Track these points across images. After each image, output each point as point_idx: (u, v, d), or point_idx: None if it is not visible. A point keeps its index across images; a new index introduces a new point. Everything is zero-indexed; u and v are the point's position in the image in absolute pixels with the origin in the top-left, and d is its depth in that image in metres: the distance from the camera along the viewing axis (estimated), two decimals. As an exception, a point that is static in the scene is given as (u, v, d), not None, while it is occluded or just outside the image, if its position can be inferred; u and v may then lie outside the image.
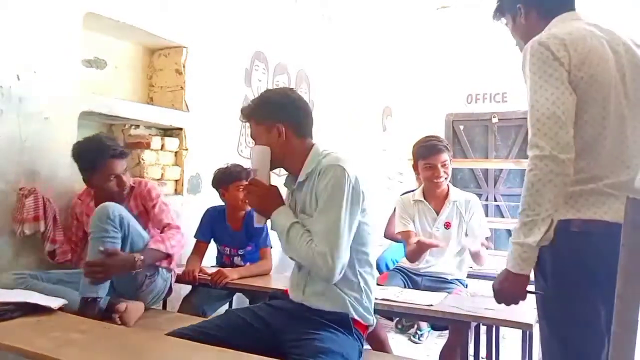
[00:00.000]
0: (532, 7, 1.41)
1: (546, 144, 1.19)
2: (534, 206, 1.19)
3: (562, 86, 1.21)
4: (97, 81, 2.73)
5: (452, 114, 6.39)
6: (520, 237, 1.22)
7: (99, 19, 2.51)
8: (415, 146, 2.57)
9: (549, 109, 1.20)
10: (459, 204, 2.54)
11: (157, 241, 2.06)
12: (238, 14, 3.44)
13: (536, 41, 1.26)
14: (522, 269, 1.23)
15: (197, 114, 3.10)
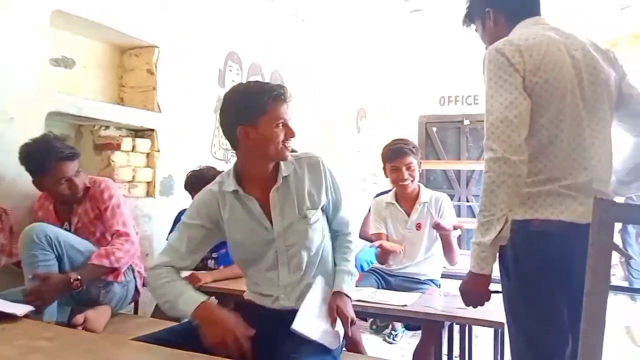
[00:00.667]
0: (500, 11, 1.45)
1: (499, 147, 1.22)
2: (489, 207, 1.24)
3: (515, 91, 1.25)
4: (65, 81, 2.66)
5: (425, 116, 6.47)
6: (478, 237, 1.26)
7: (67, 17, 2.44)
8: (383, 149, 2.59)
9: (502, 113, 1.24)
10: (430, 205, 2.56)
11: (100, 255, 1.94)
12: (211, 14, 3.40)
13: (493, 48, 1.30)
14: (482, 269, 1.26)
15: (170, 114, 3.05)
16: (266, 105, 1.47)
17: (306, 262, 1.59)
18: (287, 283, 1.58)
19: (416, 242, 2.56)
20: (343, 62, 5.44)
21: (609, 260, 0.76)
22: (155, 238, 2.95)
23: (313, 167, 1.60)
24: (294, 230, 1.56)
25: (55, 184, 1.99)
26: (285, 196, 1.57)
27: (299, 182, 1.58)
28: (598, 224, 0.74)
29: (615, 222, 0.75)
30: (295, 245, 1.57)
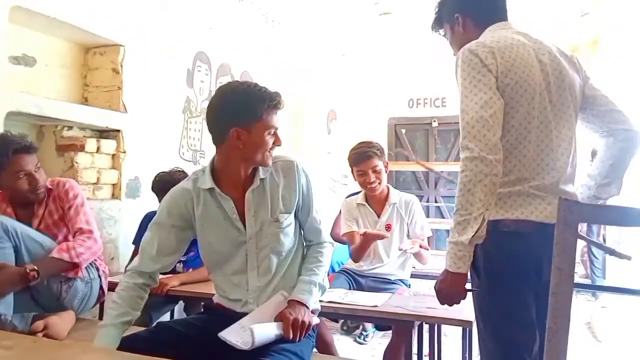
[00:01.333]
0: (468, 15, 1.47)
1: (475, 146, 1.24)
2: (466, 206, 1.24)
3: (489, 91, 1.27)
4: (26, 79, 2.57)
5: (395, 117, 6.53)
6: (455, 236, 1.26)
7: (27, 14, 2.36)
8: (349, 153, 2.57)
9: (477, 112, 1.25)
10: (399, 206, 2.58)
11: (60, 250, 1.88)
12: (180, 13, 3.35)
13: (466, 49, 1.32)
14: (458, 268, 1.26)
15: (136, 115, 2.98)
16: (263, 112, 1.48)
17: (275, 265, 1.57)
18: (255, 287, 1.56)
19: (386, 243, 2.57)
20: (313, 63, 5.45)
21: (573, 260, 0.77)
22: (121, 241, 2.88)
23: (288, 170, 1.58)
24: (265, 233, 1.55)
25: (14, 178, 1.91)
26: (260, 198, 1.55)
27: (273, 185, 1.56)
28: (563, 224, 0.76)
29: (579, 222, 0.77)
30: (266, 249, 1.55)
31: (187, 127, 3.51)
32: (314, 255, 1.65)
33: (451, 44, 1.56)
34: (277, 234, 1.55)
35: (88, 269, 2.04)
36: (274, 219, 1.55)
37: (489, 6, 1.47)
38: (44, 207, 2.02)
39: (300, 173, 1.59)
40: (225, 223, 1.55)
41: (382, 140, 6.52)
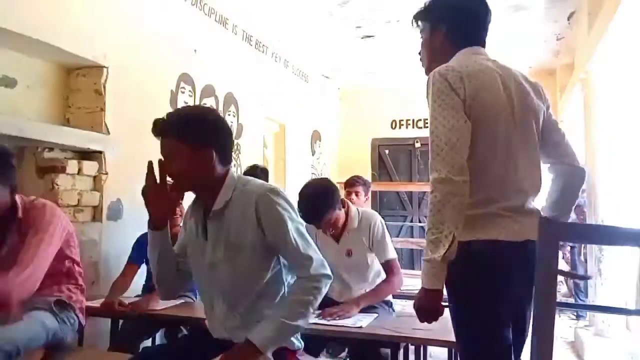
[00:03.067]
0: (449, 33, 1.51)
1: (443, 168, 1.29)
2: (437, 225, 1.28)
3: (457, 114, 1.32)
4: (6, 101, 2.54)
5: (378, 138, 6.60)
6: (428, 254, 1.29)
7: (8, 34, 2.34)
8: (298, 204, 2.29)
9: (446, 135, 1.31)
10: (359, 229, 2.41)
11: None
12: (164, 35, 3.36)
13: (437, 72, 1.37)
14: (433, 284, 1.29)
15: (119, 136, 2.96)
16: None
17: (239, 300, 1.49)
18: (221, 314, 1.51)
19: (352, 269, 2.43)
20: (297, 85, 5.49)
21: (555, 277, 0.78)
22: (102, 265, 2.83)
23: (246, 204, 1.46)
24: (219, 268, 1.49)
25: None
26: (219, 230, 1.48)
27: (230, 219, 1.47)
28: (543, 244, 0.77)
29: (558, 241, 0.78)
30: (223, 282, 1.49)
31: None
32: (298, 289, 1.47)
33: (423, 43, 1.59)
34: (230, 273, 1.47)
35: (65, 314, 1.89)
36: (226, 256, 1.47)
37: (470, 30, 1.51)
38: (16, 236, 1.82)
39: (260, 207, 1.45)
40: (197, 244, 1.54)
41: (366, 161, 6.58)
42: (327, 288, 1.50)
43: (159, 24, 3.31)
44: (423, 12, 1.57)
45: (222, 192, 1.47)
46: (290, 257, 1.48)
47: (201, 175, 1.46)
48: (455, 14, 1.50)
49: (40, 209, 1.87)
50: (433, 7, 1.55)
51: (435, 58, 1.50)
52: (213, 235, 1.50)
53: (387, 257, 2.39)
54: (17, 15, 2.34)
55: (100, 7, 2.84)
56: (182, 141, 1.45)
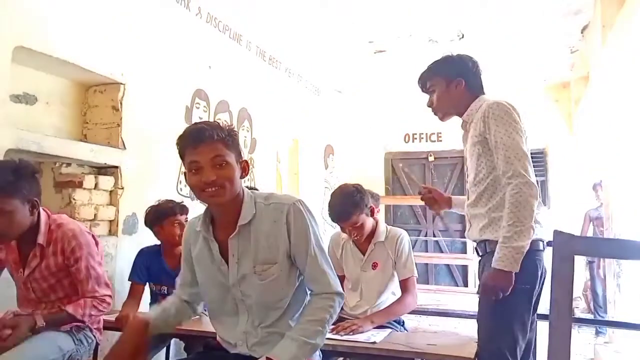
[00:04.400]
0: (467, 83, 1.86)
1: (526, 173, 1.63)
2: (522, 219, 1.60)
3: (524, 136, 1.70)
4: (27, 117, 2.60)
5: (391, 152, 6.59)
6: (513, 242, 1.59)
7: (30, 53, 2.41)
8: (328, 205, 2.36)
9: (522, 149, 1.67)
10: (386, 243, 2.40)
11: (77, 305, 1.82)
12: (179, 52, 3.42)
13: (504, 103, 1.73)
14: (513, 267, 1.59)
15: (135, 151, 3.00)
16: (185, 151, 1.41)
17: (264, 315, 1.50)
18: (244, 331, 1.51)
19: (373, 282, 2.42)
20: (310, 100, 5.53)
21: (571, 292, 0.77)
22: (118, 278, 2.85)
23: (277, 214, 1.46)
24: (248, 283, 1.48)
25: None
26: (245, 245, 1.47)
27: (260, 231, 1.46)
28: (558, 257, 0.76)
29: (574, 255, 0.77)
30: (251, 297, 1.48)
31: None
32: (313, 307, 1.48)
33: (438, 96, 1.89)
34: (259, 287, 1.46)
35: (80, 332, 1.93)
36: (255, 270, 1.46)
37: (479, 81, 1.89)
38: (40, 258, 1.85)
39: (290, 217, 1.45)
40: (212, 267, 1.51)
41: (379, 175, 6.57)
42: (340, 306, 1.51)
43: (174, 41, 3.38)
44: (435, 70, 1.90)
45: (244, 207, 1.46)
46: (307, 269, 1.48)
47: (239, 186, 1.46)
48: (469, 68, 1.87)
49: (70, 240, 1.86)
50: (446, 64, 1.88)
51: (455, 104, 1.87)
52: (237, 252, 1.47)
53: (408, 275, 2.38)
54: (38, 34, 2.41)
55: (117, 26, 2.91)
56: (229, 148, 1.45)
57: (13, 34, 2.29)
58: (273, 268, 1.46)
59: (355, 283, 2.46)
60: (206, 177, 1.36)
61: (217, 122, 1.52)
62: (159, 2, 3.26)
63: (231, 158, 1.41)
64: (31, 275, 1.89)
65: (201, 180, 1.36)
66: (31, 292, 1.92)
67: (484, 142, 1.73)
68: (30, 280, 1.90)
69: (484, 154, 1.75)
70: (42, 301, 1.94)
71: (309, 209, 1.50)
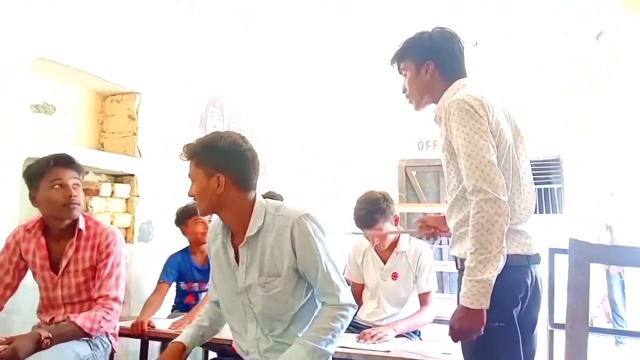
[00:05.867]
0: (438, 67, 1.56)
1: (488, 188, 1.32)
2: (485, 245, 1.30)
3: (488, 138, 1.37)
4: (46, 126, 2.65)
5: (405, 160, 6.57)
6: (477, 275, 1.30)
7: (49, 64, 2.46)
8: (354, 209, 2.35)
9: (484, 157, 1.34)
10: (408, 255, 2.39)
11: (86, 318, 1.82)
12: (194, 62, 3.47)
13: (462, 100, 1.41)
14: (481, 304, 1.30)
15: (150, 159, 3.04)
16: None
17: (272, 324, 1.52)
18: (255, 337, 1.53)
19: (392, 292, 2.41)
20: (324, 108, 5.55)
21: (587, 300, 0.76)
22: (133, 285, 2.88)
23: (282, 229, 1.48)
24: (253, 292, 1.51)
25: (48, 188, 1.84)
26: (253, 255, 1.51)
27: (265, 244, 1.49)
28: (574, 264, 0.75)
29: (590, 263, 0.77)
30: (257, 307, 1.51)
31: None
32: (324, 316, 1.49)
33: (409, 81, 1.63)
34: (263, 298, 1.49)
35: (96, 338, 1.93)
36: (260, 282, 1.48)
37: (455, 63, 1.58)
38: (75, 249, 1.93)
39: (295, 231, 1.47)
40: (228, 270, 1.55)
41: (393, 182, 6.54)
42: (352, 316, 1.52)
43: (188, 50, 3.42)
44: (403, 51, 1.63)
45: (252, 218, 1.50)
46: (320, 283, 1.49)
47: (215, 199, 1.49)
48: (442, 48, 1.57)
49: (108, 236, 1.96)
50: (412, 47, 1.61)
51: (426, 91, 1.58)
52: (246, 260, 1.51)
53: (427, 289, 2.38)
54: (56, 45, 2.46)
55: (133, 37, 2.96)
56: (197, 166, 1.54)
57: (33, 45, 2.35)
58: (277, 281, 1.48)
59: (374, 291, 2.46)
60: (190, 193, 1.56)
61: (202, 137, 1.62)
62: (174, 14, 3.31)
63: (200, 175, 1.51)
64: (66, 269, 1.92)
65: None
66: (60, 290, 1.93)
67: (450, 148, 1.45)
68: (63, 275, 1.92)
69: (452, 161, 1.46)
70: (65, 303, 1.95)
71: (317, 222, 1.51)
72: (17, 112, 2.30)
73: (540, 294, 1.49)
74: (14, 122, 2.27)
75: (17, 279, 1.95)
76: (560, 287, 1.71)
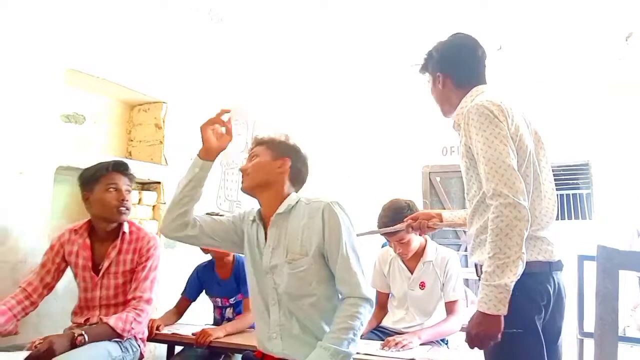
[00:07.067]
0: (448, 76, 1.60)
1: (508, 192, 1.31)
2: (504, 249, 1.28)
3: (508, 143, 1.37)
4: (76, 136, 2.73)
5: (429, 165, 6.52)
6: (494, 280, 1.29)
7: (80, 76, 2.54)
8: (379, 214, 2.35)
9: (504, 161, 1.34)
10: (435, 264, 2.38)
11: (118, 319, 1.89)
12: (219, 71, 3.52)
13: (481, 105, 1.41)
14: (498, 310, 1.28)
15: (176, 167, 3.09)
16: None
17: (294, 307, 1.55)
18: (276, 322, 1.57)
19: (420, 301, 2.40)
20: (346, 117, 5.56)
21: (616, 309, 0.75)
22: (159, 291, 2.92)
23: (314, 212, 1.57)
24: (279, 271, 1.57)
25: (104, 191, 2.00)
26: (281, 235, 1.60)
27: (296, 224, 1.59)
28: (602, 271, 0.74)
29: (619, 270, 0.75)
30: (281, 286, 1.56)
31: (224, 178, 3.61)
32: (342, 315, 1.49)
33: (430, 92, 1.70)
34: (290, 276, 1.54)
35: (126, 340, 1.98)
36: (287, 259, 1.55)
37: (469, 72, 1.58)
38: (118, 251, 2.03)
39: (326, 214, 1.55)
40: (256, 250, 1.64)
41: (417, 189, 6.50)
42: (370, 314, 1.53)
43: (213, 60, 3.48)
44: (422, 64, 1.72)
45: (286, 199, 1.62)
46: (339, 269, 1.53)
47: (271, 177, 1.63)
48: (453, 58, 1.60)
49: (149, 240, 2.09)
50: (428, 59, 1.68)
51: (444, 101, 1.63)
52: (274, 240, 1.60)
53: (455, 297, 2.36)
54: (87, 57, 2.54)
55: (159, 47, 3.03)
56: (268, 148, 1.70)
57: (64, 58, 2.43)
58: (304, 260, 1.54)
59: (401, 301, 2.45)
60: (244, 167, 1.70)
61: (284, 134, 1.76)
62: (198, 25, 3.37)
63: (266, 153, 1.68)
64: (107, 270, 2.02)
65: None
66: (98, 290, 2.02)
67: (470, 154, 1.45)
68: (104, 275, 2.02)
69: (472, 168, 1.46)
70: (102, 305, 2.03)
71: (345, 210, 1.60)
72: (49, 122, 2.37)
73: (564, 301, 1.46)
74: (46, 132, 2.35)
75: (56, 280, 2.06)
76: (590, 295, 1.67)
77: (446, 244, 6.63)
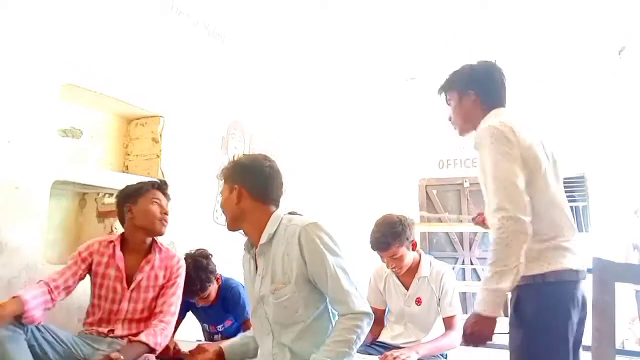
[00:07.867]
0: (479, 95, 1.69)
1: (510, 207, 1.43)
2: (503, 258, 1.41)
3: (515, 162, 1.48)
4: (73, 150, 2.73)
5: (425, 179, 6.54)
6: (492, 284, 1.42)
7: (76, 90, 2.54)
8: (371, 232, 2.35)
9: (509, 178, 1.46)
10: (430, 279, 2.36)
11: (148, 334, 1.92)
12: (215, 86, 3.54)
13: (493, 126, 1.53)
14: (493, 312, 1.43)
15: (173, 181, 3.07)
16: None
17: (286, 335, 1.54)
18: (271, 352, 1.55)
19: (418, 318, 2.38)
20: (343, 130, 5.59)
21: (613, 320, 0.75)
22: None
23: (290, 237, 1.53)
24: (266, 301, 1.56)
25: (149, 202, 2.14)
26: (267, 264, 1.57)
27: (277, 253, 1.55)
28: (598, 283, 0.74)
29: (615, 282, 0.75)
30: (271, 317, 1.56)
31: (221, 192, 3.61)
32: (340, 328, 1.48)
33: (453, 110, 1.78)
34: (275, 306, 1.53)
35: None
36: (271, 289, 1.54)
37: (496, 94, 1.70)
38: (151, 266, 2.11)
39: (302, 238, 1.50)
40: (250, 280, 1.66)
41: (414, 201, 6.51)
42: (369, 327, 1.51)
43: (210, 75, 3.50)
44: (449, 82, 1.79)
45: (266, 227, 1.58)
46: (330, 290, 1.49)
47: (236, 211, 1.61)
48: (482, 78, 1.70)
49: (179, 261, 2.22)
50: (457, 77, 1.77)
51: (468, 119, 1.71)
52: (262, 270, 1.59)
53: (452, 313, 2.34)
54: (84, 72, 2.55)
55: (156, 62, 3.04)
56: (225, 182, 1.69)
57: (61, 73, 2.43)
58: (286, 289, 1.51)
59: (399, 317, 2.43)
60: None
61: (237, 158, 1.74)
62: (196, 39, 3.40)
63: (225, 190, 1.66)
64: (139, 283, 2.07)
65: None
66: (127, 302, 2.05)
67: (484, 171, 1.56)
68: (134, 288, 2.06)
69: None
70: (125, 319, 2.05)
71: (325, 230, 1.54)
72: (45, 136, 2.37)
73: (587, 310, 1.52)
74: (43, 146, 2.34)
75: (75, 285, 2.08)
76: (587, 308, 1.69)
77: (443, 257, 6.62)
